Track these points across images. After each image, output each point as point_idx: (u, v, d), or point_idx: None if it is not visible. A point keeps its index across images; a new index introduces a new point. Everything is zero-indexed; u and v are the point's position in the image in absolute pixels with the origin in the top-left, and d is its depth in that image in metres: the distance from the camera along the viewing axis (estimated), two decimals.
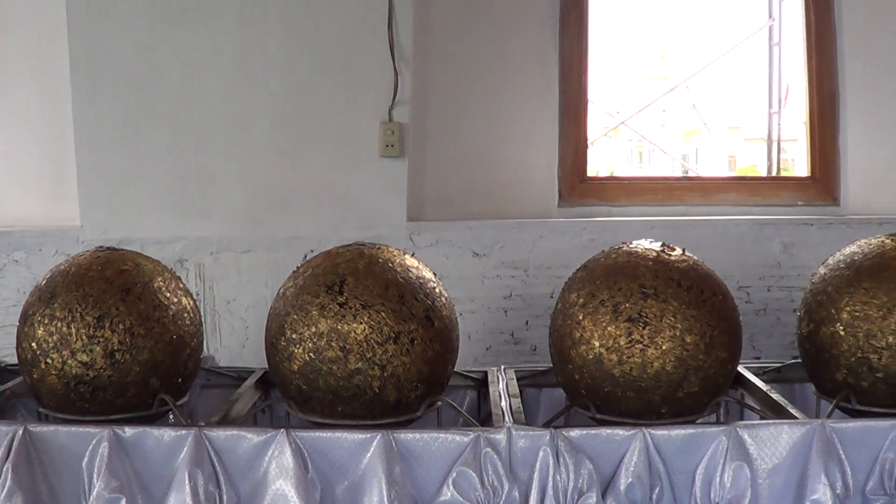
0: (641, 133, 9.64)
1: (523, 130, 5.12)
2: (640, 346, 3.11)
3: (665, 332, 3.11)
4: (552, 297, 3.38)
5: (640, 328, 3.12)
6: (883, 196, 5.25)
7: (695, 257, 3.35)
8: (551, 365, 3.45)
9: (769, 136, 7.01)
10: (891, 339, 3.24)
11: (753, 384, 3.64)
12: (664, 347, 3.11)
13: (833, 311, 3.33)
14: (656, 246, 3.31)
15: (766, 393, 3.50)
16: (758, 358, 4.64)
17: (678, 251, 3.32)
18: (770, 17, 7.10)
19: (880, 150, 5.29)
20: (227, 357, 4.76)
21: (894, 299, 3.25)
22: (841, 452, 3.09)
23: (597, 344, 3.15)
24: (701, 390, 3.19)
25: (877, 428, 3.13)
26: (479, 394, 3.83)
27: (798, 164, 7.06)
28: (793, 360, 3.82)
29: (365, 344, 3.10)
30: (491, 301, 4.81)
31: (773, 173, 6.61)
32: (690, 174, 10.75)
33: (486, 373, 3.80)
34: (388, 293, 3.16)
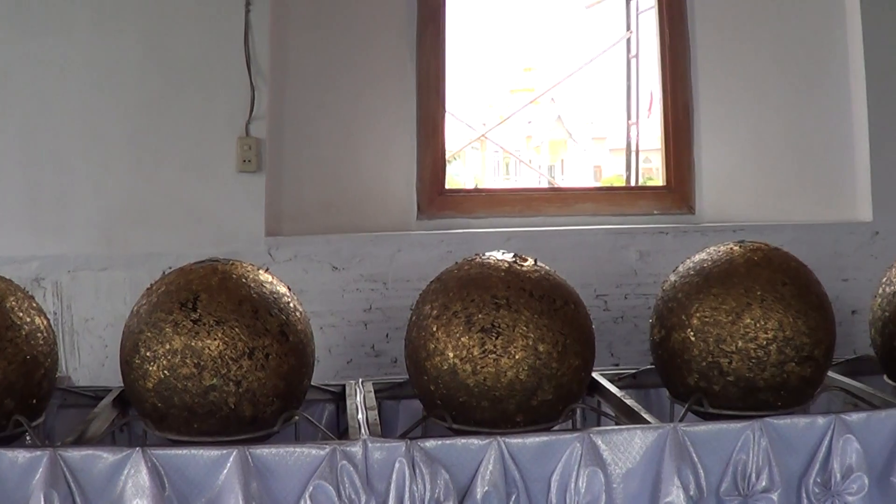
0: (502, 145, 9.68)
1: (382, 143, 5.14)
2: (494, 355, 3.13)
3: (518, 342, 3.14)
4: (412, 310, 3.39)
5: (494, 338, 3.14)
6: (736, 204, 5.38)
7: (547, 267, 3.38)
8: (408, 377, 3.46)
9: (628, 147, 7.14)
10: (740, 343, 3.32)
11: (608, 390, 3.69)
12: (517, 357, 3.14)
13: (684, 317, 3.41)
14: (508, 257, 3.34)
15: (620, 399, 3.55)
16: (616, 364, 4.70)
17: (530, 261, 3.35)
18: (628, 29, 7.23)
19: (733, 159, 5.42)
20: (86, 376, 4.69)
21: (743, 304, 3.34)
22: (694, 455, 3.15)
23: (451, 355, 3.17)
24: (555, 398, 3.23)
25: (728, 430, 3.20)
26: (337, 407, 3.82)
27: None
28: (648, 366, 3.87)
29: (219, 360, 3.07)
30: (351, 314, 4.81)
31: (634, 183, 6.71)
32: (554, 185, 10.86)
33: (344, 386, 3.80)
34: (241, 309, 3.14)
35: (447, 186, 5.33)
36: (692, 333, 3.37)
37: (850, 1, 5.38)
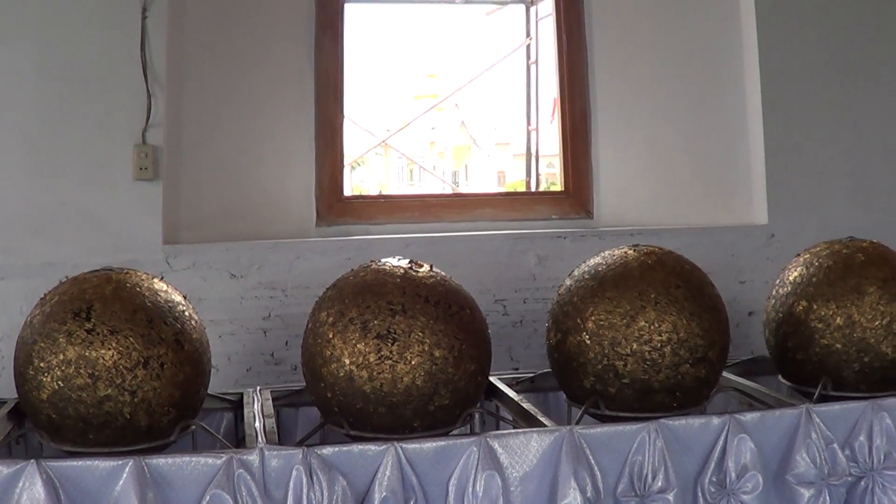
0: (407, 151, 9.69)
1: (281, 150, 5.11)
2: (390, 361, 3.14)
3: (414, 348, 3.15)
4: (308, 317, 3.38)
5: (390, 344, 3.14)
6: (633, 208, 5.44)
7: (442, 273, 3.40)
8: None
9: (528, 152, 7.15)
10: (635, 345, 3.36)
11: (506, 395, 3.71)
12: (413, 362, 3.15)
13: (579, 320, 3.44)
14: (404, 263, 3.35)
15: (517, 403, 3.58)
16: (516, 368, 4.73)
17: (426, 267, 3.36)
18: (528, 36, 7.25)
19: (631, 164, 5.48)
20: None
21: (637, 307, 3.38)
22: (590, 457, 3.17)
23: (347, 361, 3.17)
24: (452, 403, 3.24)
25: (624, 432, 3.23)
26: (235, 416, 3.80)
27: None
28: (546, 370, 3.89)
29: (114, 370, 3.04)
30: (250, 322, 4.78)
31: (535, 188, 6.74)
32: (457, 191, 10.87)
33: (241, 394, 3.78)
34: (136, 318, 3.11)
35: (351, 193, 5.33)
36: (587, 337, 3.41)
37: (746, 9, 5.46)
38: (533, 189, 6.51)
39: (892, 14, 5.66)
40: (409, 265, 3.34)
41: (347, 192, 5.34)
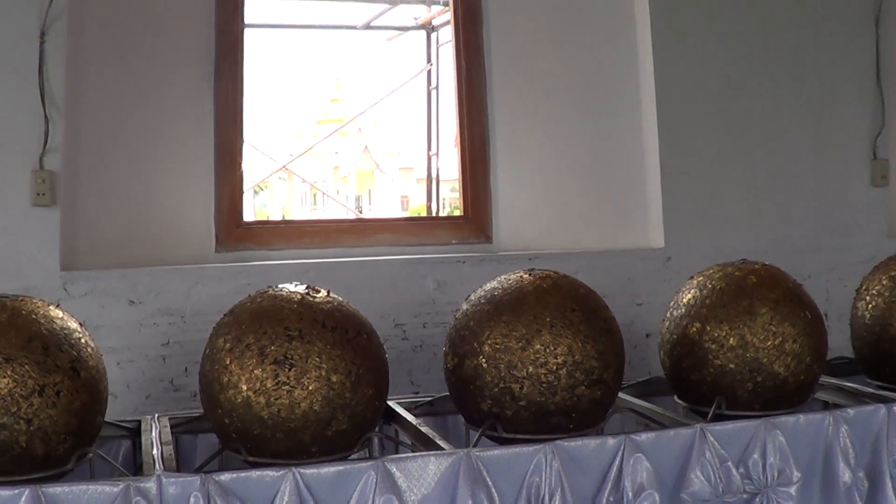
0: (309, 175, 9.70)
1: (180, 176, 5.08)
2: (287, 387, 3.15)
3: (311, 373, 3.16)
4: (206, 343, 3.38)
5: (287, 370, 3.15)
6: (532, 233, 5.48)
7: (339, 298, 3.41)
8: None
9: (429, 177, 7.20)
10: (531, 368, 3.39)
11: (405, 419, 3.73)
12: (311, 388, 3.15)
13: (476, 344, 3.47)
14: (301, 289, 3.36)
15: (416, 427, 3.60)
16: (417, 392, 4.74)
17: (323, 293, 3.37)
18: (428, 61, 7.30)
19: (530, 189, 5.52)
20: None
21: (533, 331, 3.42)
22: (488, 479, 3.20)
23: (244, 388, 3.17)
24: (350, 427, 3.25)
25: (521, 454, 3.28)
26: (133, 443, 3.76)
27: None
28: (444, 394, 3.91)
29: (9, 398, 3.00)
30: (149, 349, 4.73)
31: (438, 212, 6.78)
32: (359, 216, 10.89)
33: (139, 422, 3.75)
34: (31, 345, 3.08)
35: (255, 217, 5.31)
36: (484, 360, 3.44)
37: (642, 37, 5.55)
38: (435, 213, 6.54)
39: (785, 43, 5.80)
40: (307, 291, 3.35)
41: (251, 216, 5.33)
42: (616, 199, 5.63)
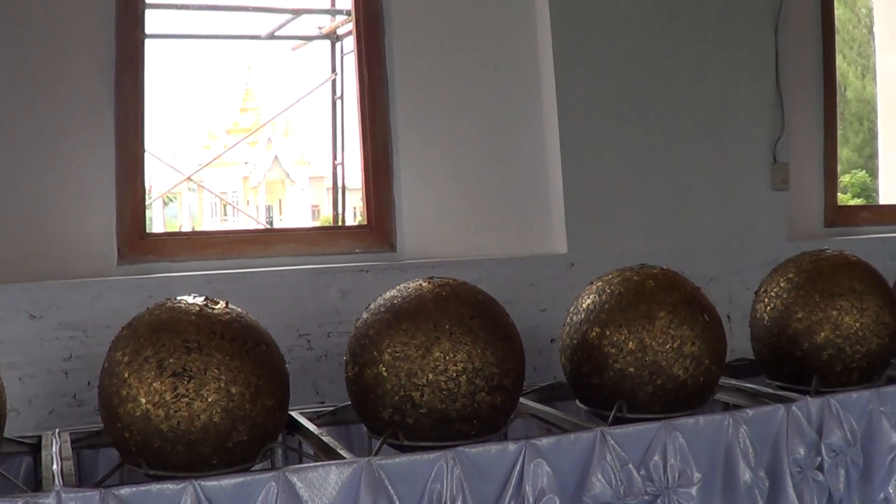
0: (220, 186, 9.66)
1: (79, 188, 5.02)
2: (187, 399, 3.13)
3: (210, 385, 3.15)
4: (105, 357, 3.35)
5: (186, 382, 3.14)
6: (436, 241, 5.50)
7: (238, 309, 3.40)
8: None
9: (335, 186, 7.21)
10: (431, 376, 3.41)
11: (307, 429, 3.73)
12: (210, 400, 3.14)
13: (375, 353, 3.48)
14: (199, 300, 3.35)
15: (318, 436, 3.60)
16: (322, 402, 4.72)
17: (222, 304, 3.37)
18: (333, 71, 7.31)
19: (434, 197, 5.54)
20: None
21: (432, 339, 3.44)
22: (389, 488, 3.21)
23: (143, 401, 3.15)
24: (250, 439, 3.25)
25: (422, 461, 3.29)
26: (34, 459, 3.73)
27: None
28: (346, 403, 3.91)
29: None
30: (51, 364, 4.67)
31: (346, 221, 6.78)
32: (267, 226, 10.86)
33: (40, 437, 3.72)
34: None
35: (164, 229, 5.26)
36: (384, 369, 3.45)
37: (543, 45, 5.58)
38: (341, 223, 6.55)
39: (685, 50, 5.88)
40: (205, 302, 3.34)
41: (160, 228, 5.29)
42: (519, 205, 5.66)
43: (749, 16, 6.13)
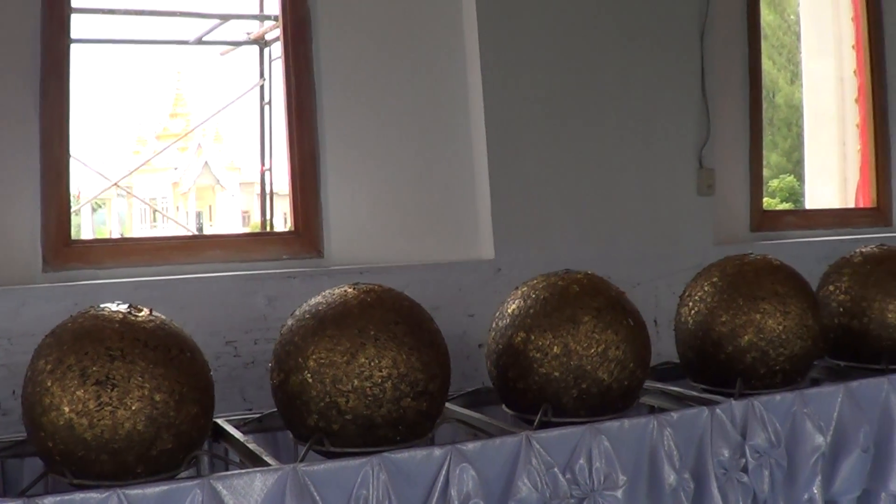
0: (147, 192, 9.61)
1: (3, 194, 4.97)
2: (110, 408, 3.11)
3: (134, 393, 3.13)
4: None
5: (109, 390, 3.12)
6: (364, 247, 5.49)
7: (163, 317, 3.39)
8: None
9: (262, 192, 7.19)
10: (356, 382, 3.42)
11: (233, 436, 3.73)
12: (134, 408, 3.13)
13: (301, 359, 3.48)
14: (123, 308, 3.33)
15: (243, 444, 3.60)
16: (250, 409, 4.71)
17: (145, 312, 3.35)
18: (261, 76, 7.29)
19: (361, 203, 5.54)
20: None
21: (357, 345, 3.44)
22: (315, 494, 3.22)
23: (67, 409, 3.13)
24: (175, 447, 3.23)
25: (348, 467, 3.30)
26: None
27: None
28: (272, 410, 3.91)
29: None
30: None
31: (270, 227, 6.77)
32: (196, 232, 10.81)
33: None
34: None
35: (94, 235, 5.21)
36: (309, 375, 3.45)
37: (471, 51, 5.61)
38: (270, 229, 6.53)
39: (612, 57, 5.94)
40: (129, 310, 3.33)
41: (89, 234, 5.24)
42: (447, 211, 5.68)
43: (675, 22, 6.19)
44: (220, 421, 3.85)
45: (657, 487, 3.84)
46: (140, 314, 3.32)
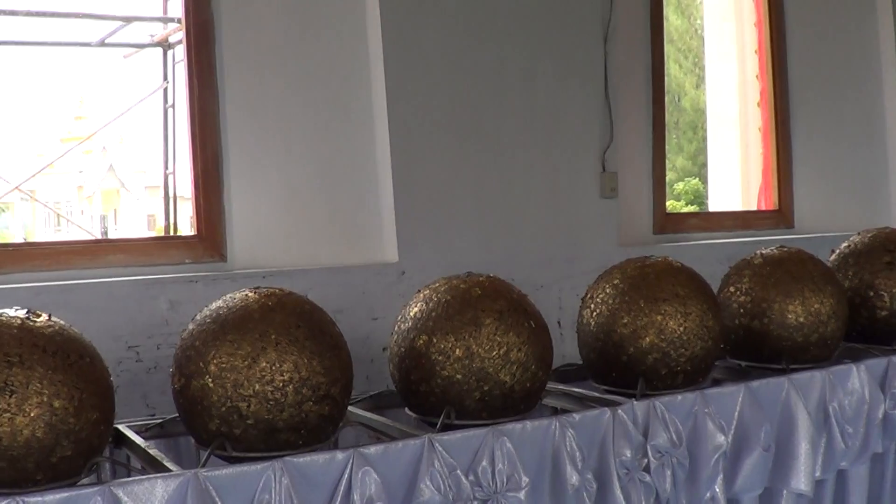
0: (51, 195, 9.49)
1: None
2: (9, 414, 3.07)
3: (33, 399, 3.09)
4: None
5: (7, 397, 3.07)
6: (267, 251, 5.48)
7: (62, 322, 3.36)
8: None
9: (166, 195, 7.14)
10: (257, 386, 3.41)
11: (134, 442, 3.71)
12: (32, 414, 3.09)
13: (202, 364, 3.46)
14: (21, 313, 3.29)
15: (145, 450, 3.58)
16: (153, 415, 4.68)
17: (44, 317, 3.31)
18: (165, 79, 7.24)
19: (265, 207, 5.52)
20: None
21: (258, 349, 3.43)
22: (217, 499, 3.20)
23: None
24: (75, 453, 3.20)
25: (249, 472, 3.28)
26: None
27: None
28: (174, 415, 3.89)
29: None
30: None
31: (174, 231, 6.72)
32: (100, 237, 10.70)
33: None
34: None
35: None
36: (210, 380, 3.44)
37: (374, 55, 5.63)
38: (174, 232, 6.49)
39: (517, 60, 5.99)
40: (27, 315, 3.29)
41: None
42: (350, 215, 5.69)
43: (579, 26, 6.26)
44: (121, 427, 3.83)
45: (560, 488, 3.87)
46: (39, 319, 3.28)
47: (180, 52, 7.03)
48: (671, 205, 7.47)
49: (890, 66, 8.26)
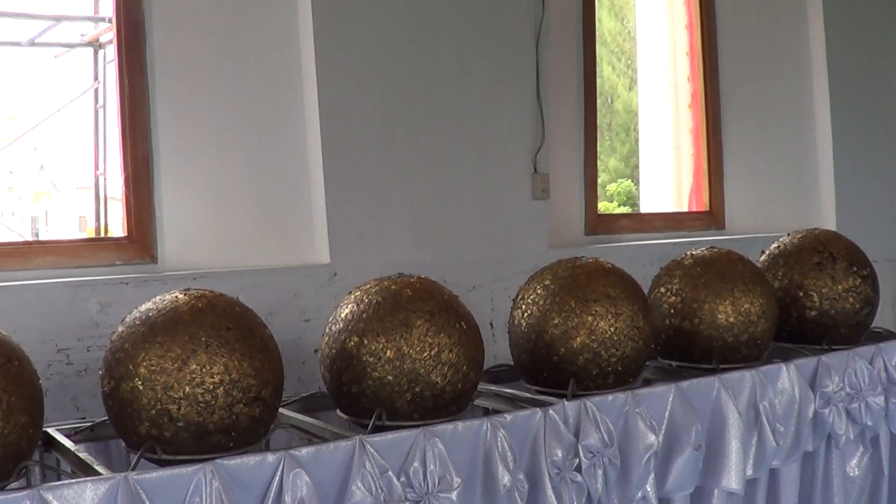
0: None
1: None
2: None
3: None
4: None
5: None
6: (199, 252, 5.45)
7: None
8: None
9: (97, 196, 7.08)
10: (187, 388, 3.40)
11: (64, 445, 3.69)
12: None
13: (131, 366, 3.45)
14: None
15: (74, 453, 3.56)
16: (83, 418, 4.64)
17: None
18: (95, 79, 7.18)
19: (196, 208, 5.49)
20: None
21: (188, 351, 3.43)
22: (147, 502, 3.18)
23: None
24: (3, 457, 3.18)
25: (180, 475, 3.26)
26: None
27: None
28: (104, 418, 3.86)
29: None
30: None
31: (105, 233, 6.67)
32: (30, 238, 10.60)
33: None
34: None
35: None
36: (140, 382, 3.42)
37: (306, 56, 5.60)
38: (104, 234, 6.43)
39: (448, 62, 6.01)
40: None
41: None
42: (283, 216, 5.67)
43: (511, 27, 6.29)
44: (50, 430, 3.81)
45: (491, 488, 3.89)
46: None
47: (111, 51, 6.98)
48: (604, 206, 7.53)
49: (820, 69, 8.35)
